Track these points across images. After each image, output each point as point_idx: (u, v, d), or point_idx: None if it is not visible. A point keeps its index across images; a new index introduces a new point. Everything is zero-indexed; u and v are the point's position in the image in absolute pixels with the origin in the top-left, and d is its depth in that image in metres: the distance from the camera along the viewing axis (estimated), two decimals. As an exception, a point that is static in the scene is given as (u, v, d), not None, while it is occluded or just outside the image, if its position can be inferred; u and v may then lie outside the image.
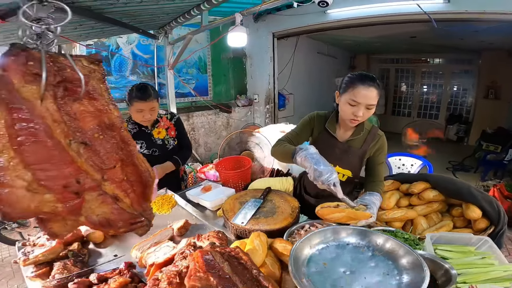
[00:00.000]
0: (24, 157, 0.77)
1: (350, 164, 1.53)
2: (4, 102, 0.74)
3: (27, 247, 1.39)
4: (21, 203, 0.78)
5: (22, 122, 0.76)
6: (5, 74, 0.75)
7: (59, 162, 0.81)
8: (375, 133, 1.52)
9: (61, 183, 0.82)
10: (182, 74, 4.59)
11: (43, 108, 0.79)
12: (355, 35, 5.33)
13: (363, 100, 1.31)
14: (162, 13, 2.52)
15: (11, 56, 0.76)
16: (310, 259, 0.89)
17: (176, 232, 1.53)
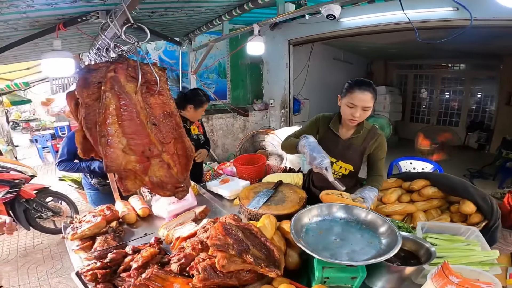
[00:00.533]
0: (123, 129, 1.15)
1: (351, 159, 1.71)
2: (116, 93, 1.14)
3: (76, 223, 1.64)
4: (117, 160, 1.14)
5: (124, 107, 1.15)
6: (116, 75, 1.15)
7: (141, 135, 1.20)
8: (375, 132, 1.69)
9: (141, 149, 1.20)
10: (203, 78, 4.89)
11: (136, 99, 1.19)
12: (370, 41, 5.42)
13: (359, 103, 1.50)
14: (188, 23, 2.82)
15: (119, 64, 1.17)
16: (308, 228, 1.08)
17: (198, 215, 1.74)
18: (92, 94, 1.15)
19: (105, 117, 1.11)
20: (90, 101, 1.16)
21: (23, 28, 1.75)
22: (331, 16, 1.94)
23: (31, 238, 3.67)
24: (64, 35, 1.85)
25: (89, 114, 1.16)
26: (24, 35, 1.84)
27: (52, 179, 5.62)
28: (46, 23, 1.73)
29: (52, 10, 1.52)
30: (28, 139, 10.39)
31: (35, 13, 1.51)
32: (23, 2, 1.32)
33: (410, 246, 1.13)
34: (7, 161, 3.58)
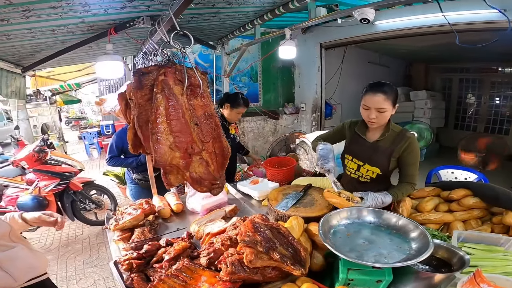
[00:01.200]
0: (171, 127, 1.27)
1: (378, 162, 1.66)
2: (165, 95, 1.26)
3: (118, 215, 1.78)
4: (165, 155, 1.26)
5: (172, 107, 1.28)
6: (166, 78, 1.27)
7: (186, 133, 1.32)
8: (404, 134, 1.63)
9: (185, 147, 1.32)
10: (236, 81, 5.01)
11: (182, 100, 1.32)
12: (408, 43, 5.17)
13: (371, 104, 1.55)
14: (222, 28, 2.93)
15: (169, 68, 1.30)
16: (336, 230, 1.07)
17: (227, 214, 1.79)
18: (145, 95, 1.28)
19: (156, 116, 1.23)
20: (143, 102, 1.28)
21: (80, 32, 1.96)
22: (365, 20, 1.90)
23: (74, 228, 3.96)
24: (113, 39, 2.04)
25: (141, 113, 1.28)
26: (80, 39, 2.06)
27: (96, 174, 6.11)
28: (100, 28, 1.92)
29: (105, 16, 1.69)
30: (77, 136, 11.39)
31: (90, 18, 1.69)
32: (81, 8, 1.48)
33: (443, 253, 1.08)
34: (60, 155, 3.95)
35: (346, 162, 1.82)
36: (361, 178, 1.75)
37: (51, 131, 7.99)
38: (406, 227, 1.05)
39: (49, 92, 8.16)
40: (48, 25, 1.68)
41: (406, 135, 1.63)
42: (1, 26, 1.53)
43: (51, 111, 8.16)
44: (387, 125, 1.65)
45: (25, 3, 1.30)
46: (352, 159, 1.77)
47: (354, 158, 1.75)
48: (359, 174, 1.75)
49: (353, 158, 1.76)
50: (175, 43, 1.29)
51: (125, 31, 1.88)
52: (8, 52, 2.17)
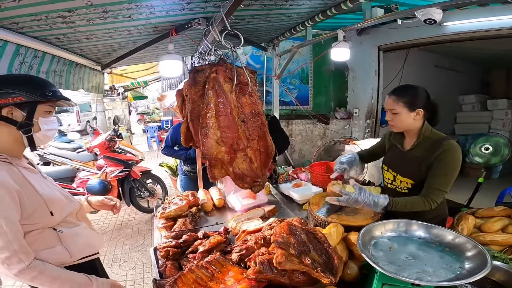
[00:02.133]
0: (219, 122, 1.33)
1: (409, 172, 1.51)
2: (216, 92, 1.33)
3: (166, 203, 1.92)
4: (211, 149, 1.33)
5: (222, 104, 1.34)
6: (217, 76, 1.34)
7: (232, 129, 1.37)
8: (441, 142, 1.42)
9: (230, 142, 1.37)
10: (286, 83, 5.00)
11: (231, 97, 1.37)
12: (487, 46, 4.52)
13: (386, 106, 1.56)
14: (272, 29, 2.96)
15: (220, 66, 1.36)
16: (378, 242, 0.99)
17: (266, 214, 1.80)
18: (198, 91, 1.35)
19: (206, 111, 1.30)
20: (196, 97, 1.36)
21: (147, 33, 2.18)
22: (430, 20, 1.72)
23: (128, 214, 4.33)
24: (174, 40, 2.22)
25: (194, 108, 1.36)
26: (148, 39, 2.29)
27: (153, 164, 6.69)
28: (163, 29, 2.11)
29: (167, 17, 1.86)
30: (141, 128, 12.66)
31: (155, 19, 1.87)
32: (147, 10, 1.65)
33: (500, 276, 0.93)
34: (125, 145, 4.44)
35: (383, 173, 1.72)
36: (399, 189, 1.61)
37: (121, 123, 9.04)
38: (462, 245, 0.91)
39: (122, 88, 9.22)
40: (123, 26, 1.91)
41: (443, 142, 1.42)
42: (85, 26, 1.78)
43: (122, 105, 9.21)
44: (419, 132, 1.50)
45: (103, 4, 1.48)
46: (388, 169, 1.67)
47: (389, 169, 1.65)
48: (396, 184, 1.62)
49: (388, 168, 1.66)
50: (226, 43, 1.35)
51: (184, 32, 2.02)
52: (90, 50, 2.52)
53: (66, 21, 1.63)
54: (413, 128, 1.51)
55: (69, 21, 1.64)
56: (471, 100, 6.51)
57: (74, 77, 2.67)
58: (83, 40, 2.13)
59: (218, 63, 1.36)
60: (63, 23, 1.67)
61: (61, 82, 2.45)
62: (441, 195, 1.39)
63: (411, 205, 1.39)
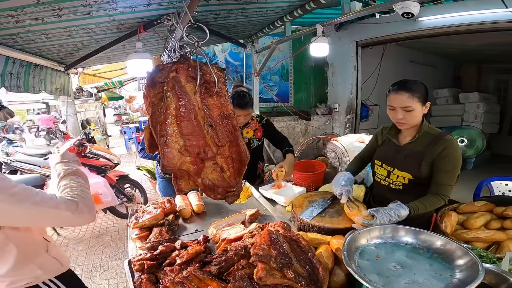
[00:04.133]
0: (181, 129, 1.17)
1: (408, 167, 1.48)
2: (176, 93, 1.16)
3: (139, 213, 1.78)
4: (173, 160, 1.17)
5: (184, 107, 1.17)
6: (177, 75, 1.17)
7: (198, 136, 1.20)
8: (441, 138, 1.43)
9: (196, 151, 1.21)
10: (266, 80, 4.92)
11: (194, 99, 1.20)
12: (459, 42, 4.66)
13: (396, 103, 1.44)
14: (250, 25, 2.87)
15: (181, 64, 1.18)
16: (364, 250, 0.93)
17: (248, 219, 1.71)
18: (158, 93, 1.19)
19: (165, 116, 1.14)
20: (156, 100, 1.20)
21: (113, 31, 2.02)
22: (408, 14, 1.70)
23: (106, 220, 4.13)
24: (144, 37, 2.08)
25: (154, 112, 1.20)
26: (114, 37, 2.12)
27: (132, 168, 6.43)
28: (130, 26, 1.96)
29: (133, 14, 1.71)
30: (119, 130, 12.18)
31: (120, 16, 1.72)
32: (109, 6, 1.50)
33: (490, 279, 0.89)
34: (99, 149, 4.19)
35: (375, 169, 1.66)
36: (392, 185, 1.57)
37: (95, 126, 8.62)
38: (451, 251, 0.87)
39: (95, 89, 8.78)
40: (82, 24, 1.75)
41: (443, 137, 1.43)
42: (38, 25, 1.61)
43: (96, 107, 8.78)
44: (420, 126, 1.48)
45: (55, 2, 1.34)
46: (382, 164, 1.61)
47: (384, 164, 1.60)
48: (389, 180, 1.58)
49: (383, 163, 1.61)
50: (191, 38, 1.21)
51: (153, 29, 1.89)
52: (50, 50, 2.32)
53: (15, 20, 1.48)
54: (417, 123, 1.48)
55: (17, 20, 1.48)
56: (445, 94, 6.73)
57: (34, 79, 2.46)
58: (39, 40, 1.95)
59: (179, 61, 1.19)
60: (12, 23, 1.52)
61: (19, 84, 2.24)
62: (451, 190, 1.42)
63: (430, 206, 1.38)
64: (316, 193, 1.83)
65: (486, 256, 1.05)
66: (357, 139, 3.14)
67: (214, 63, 1.32)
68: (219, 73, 1.28)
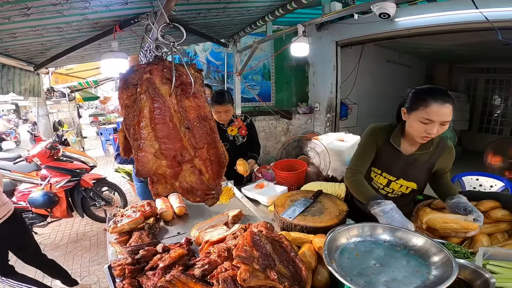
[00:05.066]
0: (156, 132, 1.14)
1: (415, 177, 1.48)
2: (150, 96, 1.13)
3: (118, 217, 1.73)
4: (148, 164, 1.14)
5: (158, 110, 1.14)
6: (151, 77, 1.13)
7: (174, 139, 1.18)
8: (445, 146, 1.45)
9: (172, 154, 1.18)
10: (248, 80, 4.92)
11: (170, 101, 1.17)
12: (433, 42, 4.88)
13: (437, 118, 1.23)
14: (232, 24, 2.85)
15: (155, 65, 1.14)
16: (344, 249, 0.95)
17: (231, 219, 1.70)
18: (131, 95, 1.14)
19: (139, 119, 1.10)
20: (129, 103, 1.15)
21: (86, 30, 1.93)
22: (384, 14, 1.74)
23: (83, 225, 3.99)
24: (121, 36, 2.00)
25: (128, 115, 1.15)
26: (87, 36, 2.03)
27: (110, 170, 6.21)
28: (105, 25, 1.88)
29: (108, 12, 1.64)
30: (95, 131, 11.70)
31: (93, 15, 1.65)
32: (81, 4, 1.43)
33: (466, 275, 0.94)
34: (73, 151, 4.01)
35: (372, 175, 1.61)
36: (391, 194, 1.56)
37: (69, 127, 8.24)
38: (427, 248, 0.91)
39: (68, 89, 8.38)
40: (51, 23, 1.67)
41: (446, 146, 1.45)
42: (4, 25, 1.51)
43: (69, 107, 8.39)
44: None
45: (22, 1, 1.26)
46: (382, 173, 1.55)
47: (384, 173, 1.54)
48: (389, 190, 1.55)
49: (383, 172, 1.54)
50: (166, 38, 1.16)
51: (130, 28, 1.82)
52: (18, 50, 2.19)
53: (-22, 20, 1.38)
54: None
55: (-20, 19, 1.38)
56: (419, 92, 7.01)
57: (2, 79, 2.31)
58: (6, 39, 1.85)
59: (153, 62, 1.16)
60: (-25, 22, 1.41)
61: (-15, 85, 2.10)
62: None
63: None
64: (298, 192, 1.84)
65: (460, 251, 1.09)
66: (336, 137, 3.20)
67: (191, 64, 1.28)
68: (196, 74, 1.25)
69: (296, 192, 1.86)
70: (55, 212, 3.45)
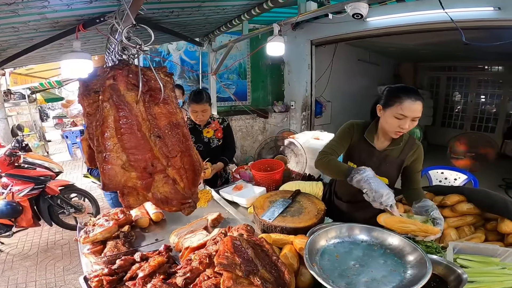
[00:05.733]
0: (123, 143, 1.05)
1: (387, 172, 1.54)
2: (115, 103, 1.04)
3: (89, 227, 1.63)
4: (116, 177, 1.06)
5: (124, 119, 1.05)
6: (115, 83, 1.04)
7: (143, 149, 1.11)
8: (413, 143, 1.53)
9: (142, 165, 1.11)
10: (223, 79, 4.86)
11: (137, 109, 1.09)
12: (399, 42, 5.13)
13: (410, 113, 1.34)
14: (206, 23, 2.79)
15: (119, 70, 1.05)
16: (324, 250, 0.96)
17: (210, 223, 1.67)
18: (93, 102, 1.05)
19: (102, 130, 1.02)
20: (92, 111, 1.06)
21: (44, 29, 1.79)
22: (357, 15, 1.79)
23: (53, 233, 3.75)
24: (86, 36, 1.87)
25: (91, 124, 1.06)
26: (47, 36, 1.88)
27: (78, 175, 5.86)
28: (67, 24, 1.75)
29: (70, 11, 1.53)
30: (59, 134, 10.97)
31: (53, 14, 1.52)
32: (39, 3, 1.32)
33: (439, 270, 0.99)
34: (35, 157, 3.72)
35: None
36: None
37: (30, 131, 7.65)
38: (402, 247, 0.95)
39: (28, 90, 7.77)
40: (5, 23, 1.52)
41: (415, 143, 1.53)
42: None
43: (30, 109, 7.79)
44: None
45: None
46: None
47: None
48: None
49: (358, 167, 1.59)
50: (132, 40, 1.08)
51: (96, 27, 1.71)
52: (-31, 51, 1.98)
53: None
54: None
55: None
56: (387, 90, 7.37)
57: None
58: (-45, 41, 1.65)
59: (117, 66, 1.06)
60: None
61: None
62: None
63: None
64: (277, 193, 1.85)
65: (432, 247, 1.15)
66: (312, 136, 3.27)
67: (161, 67, 1.20)
68: (166, 79, 1.18)
69: (275, 192, 1.86)
70: (20, 221, 3.21)
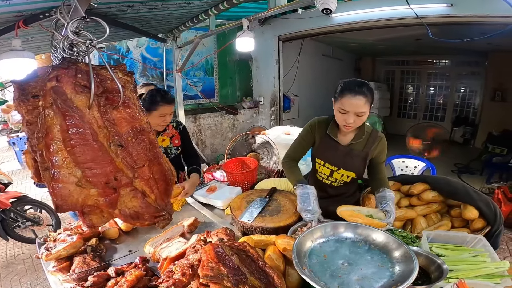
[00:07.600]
0: (76, 157, 0.89)
1: (354, 166, 1.59)
2: (60, 110, 0.86)
3: (50, 243, 1.47)
4: (71, 196, 0.90)
5: (74, 127, 0.88)
6: (59, 85, 0.86)
7: (102, 162, 0.94)
8: (376, 135, 1.58)
9: (103, 180, 0.95)
10: (190, 76, 4.70)
11: (90, 115, 0.92)
12: (360, 38, 5.37)
13: (350, 108, 1.36)
14: (171, 18, 2.64)
15: (63, 69, 0.88)
16: (311, 251, 0.97)
17: (186, 229, 1.61)
18: (33, 109, 0.86)
19: (47, 143, 0.84)
20: (32, 119, 0.87)
21: (-23, 26, 1.56)
22: (327, 10, 1.80)
23: (11, 248, 3.44)
24: (29, 33, 1.66)
25: (32, 134, 0.88)
26: (-19, 33, 1.64)
27: (31, 185, 5.33)
28: (4, 21, 1.54)
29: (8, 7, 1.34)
30: (6, 141, 9.83)
31: (-13, 10, 1.33)
32: None
33: (421, 261, 1.05)
34: (-22, 168, 3.31)
35: (317, 167, 1.68)
36: (335, 183, 1.66)
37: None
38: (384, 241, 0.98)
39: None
40: None
41: (378, 136, 1.58)
42: None
43: (-33, 113, 6.88)
44: (361, 127, 1.53)
45: None
46: (324, 164, 1.63)
47: (327, 163, 1.62)
48: (332, 179, 1.65)
49: (326, 163, 1.63)
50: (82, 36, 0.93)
51: (39, 24, 1.53)
52: None
53: None
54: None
55: None
56: (348, 83, 7.75)
57: None
58: None
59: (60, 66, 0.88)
60: None
61: None
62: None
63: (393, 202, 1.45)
64: (253, 192, 1.83)
65: (407, 237, 1.22)
66: (282, 131, 3.31)
67: (119, 65, 1.04)
68: (125, 78, 1.02)
69: (251, 192, 1.85)
70: (-30, 238, 2.84)
